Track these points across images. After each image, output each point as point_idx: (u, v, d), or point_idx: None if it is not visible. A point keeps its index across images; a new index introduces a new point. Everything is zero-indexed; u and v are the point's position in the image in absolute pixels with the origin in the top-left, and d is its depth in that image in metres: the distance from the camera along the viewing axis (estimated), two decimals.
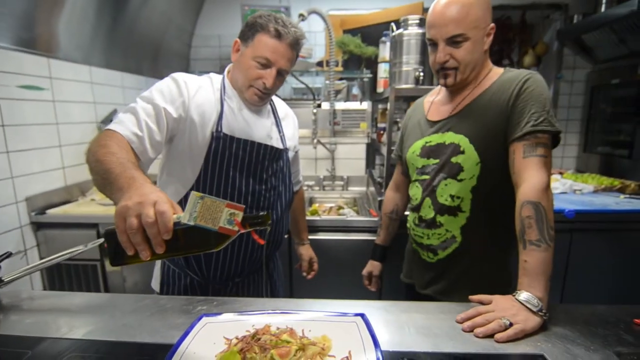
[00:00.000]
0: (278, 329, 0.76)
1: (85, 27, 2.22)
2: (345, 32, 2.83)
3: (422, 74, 1.85)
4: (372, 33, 2.72)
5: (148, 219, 0.62)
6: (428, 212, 1.17)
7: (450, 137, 1.12)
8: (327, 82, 2.55)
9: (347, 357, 0.69)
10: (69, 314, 0.92)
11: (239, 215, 0.67)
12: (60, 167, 2.13)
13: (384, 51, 2.24)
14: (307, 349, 0.69)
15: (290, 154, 1.31)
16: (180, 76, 1.11)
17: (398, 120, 2.18)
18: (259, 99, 1.14)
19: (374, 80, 2.62)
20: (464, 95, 1.14)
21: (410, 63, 1.88)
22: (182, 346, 0.72)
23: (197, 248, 0.70)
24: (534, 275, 0.87)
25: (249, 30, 1.10)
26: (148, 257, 0.65)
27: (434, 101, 1.25)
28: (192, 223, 0.64)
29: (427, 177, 1.18)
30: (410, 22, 1.87)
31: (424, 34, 1.85)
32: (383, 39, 2.25)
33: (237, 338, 0.74)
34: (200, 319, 0.81)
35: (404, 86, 1.91)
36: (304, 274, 1.64)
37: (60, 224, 1.97)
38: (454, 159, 1.10)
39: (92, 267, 2.03)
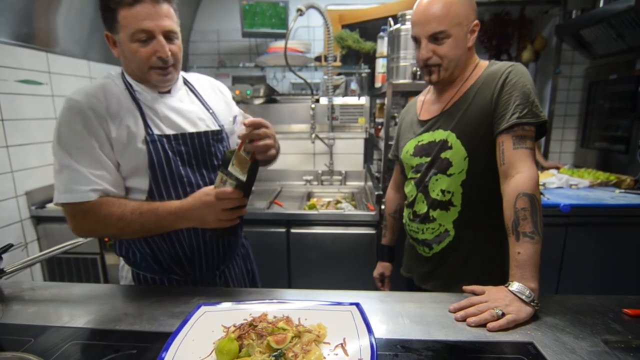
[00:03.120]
0: (275, 317, 0.78)
1: (84, 22, 2.22)
2: (343, 27, 2.83)
3: (419, 69, 1.86)
4: (370, 28, 2.72)
5: (224, 208, 0.94)
6: (421, 207, 1.20)
7: (439, 135, 1.15)
8: (325, 77, 2.56)
9: (341, 344, 0.71)
10: (70, 303, 0.94)
11: (242, 146, 0.93)
12: None
13: (382, 46, 2.25)
14: (303, 336, 0.71)
15: (228, 128, 1.18)
16: (77, 104, 0.95)
17: (396, 115, 2.19)
18: (165, 77, 1.00)
19: (372, 75, 2.63)
20: (452, 93, 1.16)
21: (407, 58, 1.89)
22: (181, 334, 0.73)
23: (253, 180, 0.96)
24: (526, 266, 0.89)
25: (107, 14, 0.95)
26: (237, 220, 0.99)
27: (425, 100, 1.28)
28: (243, 177, 0.92)
29: (419, 174, 1.20)
30: (407, 17, 1.88)
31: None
32: (381, 34, 2.26)
33: (234, 326, 0.75)
34: (199, 307, 0.83)
35: (401, 81, 1.92)
36: None
37: (60, 218, 1.98)
38: (442, 155, 1.13)
39: (92, 261, 2.04)
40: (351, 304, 0.83)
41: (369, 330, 0.73)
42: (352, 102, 2.66)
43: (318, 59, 2.75)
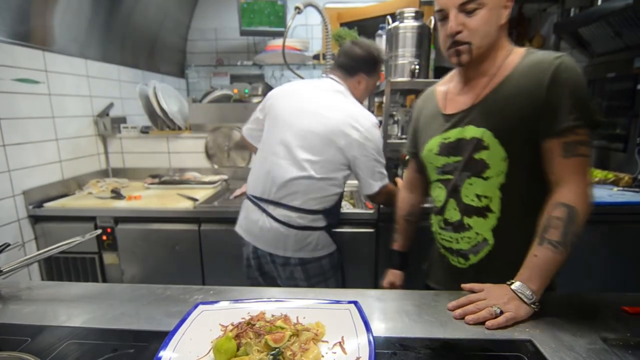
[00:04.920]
0: (273, 316, 0.77)
1: (81, 20, 2.21)
2: (341, 25, 2.83)
3: (417, 67, 1.85)
4: (368, 26, 2.72)
5: None
6: (453, 215, 1.08)
7: (471, 132, 1.01)
8: (324, 75, 2.55)
9: (340, 342, 0.70)
10: (68, 303, 0.93)
11: None
12: (57, 161, 2.13)
13: (380, 44, 2.24)
14: (301, 335, 0.71)
15: None
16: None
17: (394, 113, 2.19)
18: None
19: None
20: (482, 83, 1.01)
21: (406, 56, 1.89)
22: (179, 333, 0.73)
23: None
24: (537, 271, 0.86)
25: (375, 66, 1.58)
26: None
27: (448, 91, 1.12)
28: None
29: (449, 176, 1.07)
30: (406, 15, 1.87)
31: (420, 27, 1.86)
32: (379, 32, 2.25)
33: (232, 324, 0.75)
34: (196, 306, 0.82)
35: (399, 79, 1.91)
36: None
37: (57, 217, 1.98)
38: (477, 155, 1.00)
39: (91, 260, 2.04)
40: (349, 302, 0.83)
41: (368, 328, 0.73)
42: None
43: (316, 57, 2.75)
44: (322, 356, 0.67)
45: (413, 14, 1.87)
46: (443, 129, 1.08)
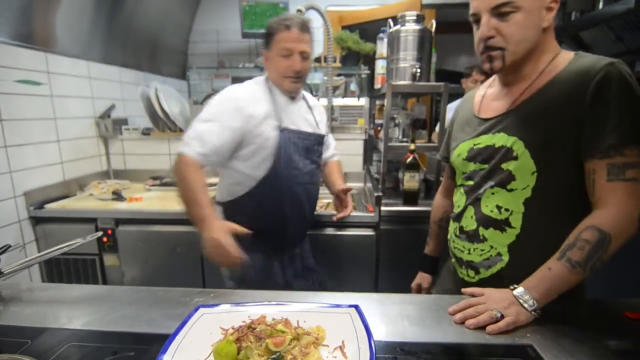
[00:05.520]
0: (273, 319, 0.77)
1: (83, 22, 2.22)
2: (343, 28, 2.83)
3: (419, 70, 1.86)
4: (370, 29, 2.72)
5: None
6: (470, 223, 1.02)
7: (500, 139, 0.94)
8: (325, 78, 2.55)
9: (340, 346, 0.70)
10: (68, 305, 0.93)
11: None
12: (58, 162, 2.14)
13: (382, 48, 2.25)
14: (302, 339, 0.71)
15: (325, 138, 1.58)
16: (234, 95, 1.34)
17: (395, 116, 2.19)
18: (295, 86, 1.39)
19: (371, 77, 2.63)
20: (521, 87, 0.94)
21: (407, 59, 1.89)
22: (179, 336, 0.73)
23: None
24: (545, 283, 0.82)
25: (269, 37, 1.35)
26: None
27: (486, 95, 1.06)
28: None
29: (471, 182, 1.02)
30: (407, 18, 1.88)
31: (421, 30, 1.86)
32: (380, 35, 2.26)
33: (233, 328, 0.75)
34: (197, 309, 0.82)
35: (401, 83, 1.92)
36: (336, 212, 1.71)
37: (58, 219, 1.97)
38: (504, 165, 0.93)
39: (91, 262, 2.04)
40: (350, 306, 0.83)
41: (368, 332, 0.72)
42: (352, 103, 2.66)
43: (318, 59, 2.76)
44: None
45: (414, 18, 1.87)
46: (474, 134, 1.02)
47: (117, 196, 2.14)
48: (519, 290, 0.84)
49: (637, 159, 0.80)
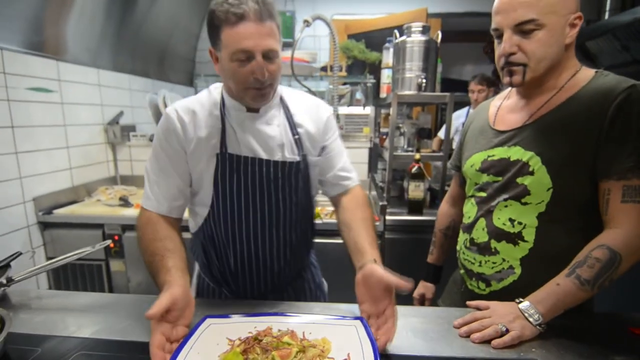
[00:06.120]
0: (279, 331, 0.78)
1: (94, 30, 2.26)
2: (349, 37, 2.86)
3: (424, 80, 1.87)
4: (376, 38, 2.75)
5: None
6: (481, 235, 1.01)
7: (516, 153, 0.93)
8: (331, 86, 2.57)
9: (346, 359, 0.71)
10: (77, 313, 0.94)
11: None
12: (67, 168, 2.17)
13: (387, 57, 2.27)
14: (308, 351, 0.71)
15: (312, 158, 1.09)
16: (167, 119, 1.00)
17: (400, 125, 2.20)
18: (260, 96, 0.97)
19: (377, 85, 2.65)
20: (540, 101, 0.93)
21: (413, 70, 1.90)
22: (186, 346, 0.74)
23: None
24: (552, 298, 0.82)
25: (212, 31, 0.93)
26: None
27: (502, 106, 1.06)
28: None
29: (484, 194, 1.01)
30: (413, 29, 1.90)
31: (426, 41, 1.88)
32: (386, 45, 2.27)
33: (239, 339, 0.76)
34: (204, 320, 0.83)
35: (406, 92, 1.93)
36: None
37: (66, 224, 2.00)
38: (519, 180, 0.92)
39: (97, 267, 2.06)
40: (355, 318, 0.83)
41: (374, 346, 0.73)
42: (357, 111, 2.67)
43: (324, 68, 2.78)
44: None
45: (420, 29, 1.89)
46: (489, 145, 1.01)
47: (124, 202, 2.17)
48: (524, 304, 0.84)
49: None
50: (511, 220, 0.95)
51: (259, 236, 1.06)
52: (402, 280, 0.79)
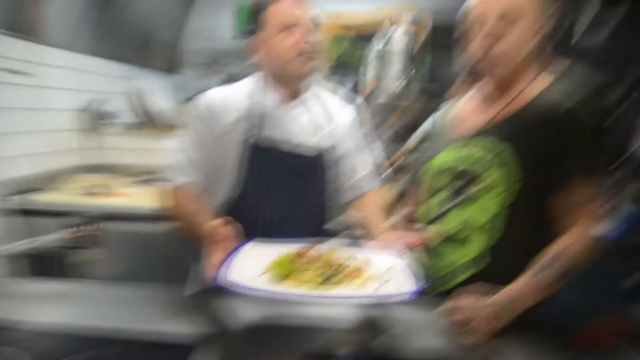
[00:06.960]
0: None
1: (73, 13, 2.20)
2: (339, 29, 2.82)
3: (403, 84, 1.90)
4: (367, 31, 2.72)
5: None
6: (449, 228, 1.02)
7: (477, 153, 0.96)
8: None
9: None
10: (41, 300, 0.92)
11: None
12: (38, 153, 2.10)
13: (370, 60, 2.30)
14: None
15: (343, 149, 1.18)
16: (199, 102, 1.09)
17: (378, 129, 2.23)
18: (308, 65, 1.03)
19: (357, 88, 2.66)
20: (500, 105, 0.97)
21: (391, 77, 1.94)
22: (234, 260, 0.76)
23: None
24: (506, 297, 0.82)
25: (257, 15, 1.04)
26: None
27: (463, 108, 1.09)
28: None
29: (439, 197, 1.03)
30: (395, 35, 1.93)
31: (408, 45, 1.91)
32: (369, 48, 2.30)
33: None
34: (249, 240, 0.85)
35: (386, 96, 1.96)
36: None
37: (35, 211, 1.94)
38: (485, 175, 0.94)
39: (65, 256, 2.00)
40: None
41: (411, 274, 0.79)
42: None
43: None
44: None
45: (402, 34, 1.92)
46: (450, 146, 1.03)
47: (98, 191, 2.12)
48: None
49: (598, 190, 0.89)
50: (462, 224, 0.97)
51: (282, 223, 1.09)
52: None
